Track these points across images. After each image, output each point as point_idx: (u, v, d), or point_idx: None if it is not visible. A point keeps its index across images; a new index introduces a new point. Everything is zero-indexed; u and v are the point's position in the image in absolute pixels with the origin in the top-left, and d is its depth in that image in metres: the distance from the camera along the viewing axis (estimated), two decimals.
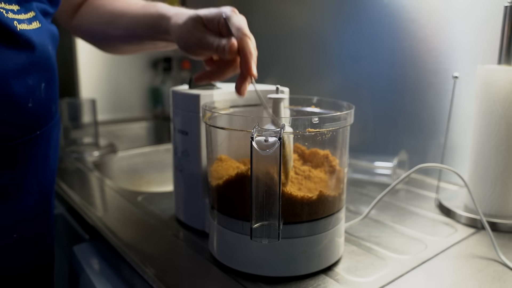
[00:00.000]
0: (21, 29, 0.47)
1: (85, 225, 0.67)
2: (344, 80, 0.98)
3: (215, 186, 0.50)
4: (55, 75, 0.56)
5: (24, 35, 0.47)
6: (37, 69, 0.50)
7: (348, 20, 0.95)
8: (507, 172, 0.61)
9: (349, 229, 0.61)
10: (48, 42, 0.53)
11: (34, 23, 0.50)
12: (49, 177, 0.59)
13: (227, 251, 0.50)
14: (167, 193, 0.77)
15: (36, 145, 0.53)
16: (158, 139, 1.42)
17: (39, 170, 0.55)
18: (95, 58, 1.40)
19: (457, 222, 0.63)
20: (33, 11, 0.50)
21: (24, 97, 0.49)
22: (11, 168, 0.50)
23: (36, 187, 0.55)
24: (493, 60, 0.63)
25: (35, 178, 0.55)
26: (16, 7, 0.48)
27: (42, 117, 0.53)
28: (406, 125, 0.87)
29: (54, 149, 0.59)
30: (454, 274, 0.49)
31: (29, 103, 0.50)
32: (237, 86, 0.51)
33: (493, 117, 0.60)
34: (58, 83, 0.58)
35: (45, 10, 0.54)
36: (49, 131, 0.56)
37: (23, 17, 0.48)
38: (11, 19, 0.46)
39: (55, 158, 0.61)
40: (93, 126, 1.12)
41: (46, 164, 0.57)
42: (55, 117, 0.58)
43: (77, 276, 0.63)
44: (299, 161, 0.52)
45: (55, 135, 0.59)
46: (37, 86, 0.51)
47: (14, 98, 0.47)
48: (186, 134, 0.58)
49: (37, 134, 0.53)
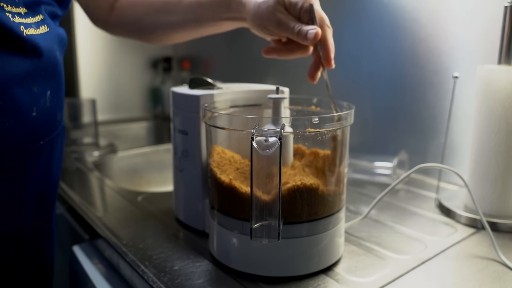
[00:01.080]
0: (27, 34, 0.45)
1: (85, 225, 0.67)
2: (344, 80, 0.98)
3: (216, 180, 0.50)
4: (61, 82, 0.53)
5: (31, 40, 0.45)
6: (43, 76, 0.48)
7: (348, 20, 0.95)
8: (507, 172, 0.61)
9: (349, 229, 0.61)
10: (56, 48, 0.50)
11: (42, 27, 0.47)
12: (50, 190, 0.56)
13: (227, 251, 0.50)
14: (167, 193, 0.77)
15: (37, 156, 0.50)
16: (158, 139, 1.42)
17: (40, 182, 0.52)
18: (95, 58, 1.40)
19: (457, 222, 0.63)
20: (41, 14, 0.48)
21: (28, 106, 0.46)
22: (11, 181, 0.47)
23: (37, 200, 0.52)
24: (493, 60, 0.63)
25: (37, 190, 0.52)
26: (24, 10, 0.45)
27: (46, 127, 0.50)
28: (406, 125, 0.87)
29: (57, 160, 0.56)
30: (454, 274, 0.49)
31: (33, 112, 0.47)
32: (311, 73, 0.54)
33: (493, 117, 0.60)
34: (65, 90, 0.55)
35: (54, 12, 0.51)
36: (53, 141, 0.53)
37: (30, 21, 0.46)
38: (18, 24, 0.44)
39: (58, 169, 0.58)
40: (93, 126, 1.12)
41: (48, 176, 0.54)
42: (60, 126, 0.55)
43: (77, 276, 0.63)
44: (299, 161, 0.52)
45: (59, 144, 0.56)
46: (43, 94, 0.48)
47: (17, 106, 0.45)
48: (186, 134, 0.58)
49: (40, 144, 0.50)
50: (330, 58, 0.52)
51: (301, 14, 0.53)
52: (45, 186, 0.54)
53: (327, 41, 0.52)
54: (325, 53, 0.52)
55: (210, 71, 1.40)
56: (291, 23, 0.52)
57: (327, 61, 0.52)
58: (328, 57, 0.52)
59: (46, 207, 0.56)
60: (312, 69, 0.54)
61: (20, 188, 0.49)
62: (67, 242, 0.80)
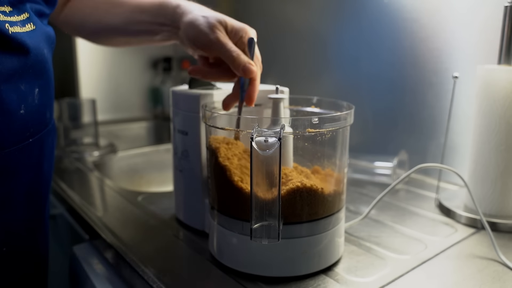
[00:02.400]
0: (13, 32, 0.45)
1: (85, 225, 0.67)
2: (344, 80, 0.98)
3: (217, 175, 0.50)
4: (50, 79, 0.53)
5: (17, 38, 0.45)
6: (30, 74, 0.48)
7: (348, 20, 0.95)
8: (507, 172, 0.61)
9: (349, 229, 0.61)
10: (43, 45, 0.50)
11: (28, 25, 0.47)
12: (43, 187, 0.56)
13: (227, 251, 0.50)
14: (167, 193, 0.77)
15: (28, 154, 0.50)
16: (158, 139, 1.42)
17: (32, 180, 0.52)
18: (95, 58, 1.40)
19: (457, 222, 0.63)
20: (26, 13, 0.48)
21: (15, 103, 0.46)
22: (2, 179, 0.47)
23: (29, 198, 0.52)
24: (493, 60, 0.63)
25: (28, 189, 0.52)
26: (8, 8, 0.45)
27: (35, 124, 0.50)
28: (406, 125, 0.87)
29: (48, 158, 0.56)
30: (454, 274, 0.49)
31: (21, 110, 0.47)
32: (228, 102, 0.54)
33: (493, 117, 0.60)
34: (54, 88, 0.55)
35: (40, 11, 0.51)
36: (43, 138, 0.53)
37: (15, 19, 0.46)
38: (3, 22, 0.44)
39: (50, 167, 0.58)
40: (93, 126, 1.12)
41: (39, 174, 0.54)
42: (50, 124, 0.55)
43: (77, 276, 0.63)
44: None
45: (49, 142, 0.56)
46: (30, 92, 0.48)
47: (4, 104, 0.45)
48: (186, 134, 0.58)
49: (30, 142, 0.50)
50: (253, 98, 0.53)
51: (238, 43, 0.54)
52: (37, 184, 0.54)
53: (256, 80, 0.53)
54: (251, 92, 0.53)
55: None
56: (229, 45, 0.53)
57: (250, 100, 0.53)
58: (252, 96, 0.53)
59: (38, 204, 0.55)
60: (230, 99, 0.54)
61: (10, 186, 0.49)
62: (67, 242, 0.80)
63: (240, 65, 0.51)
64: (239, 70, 0.51)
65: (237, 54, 0.52)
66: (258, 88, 0.53)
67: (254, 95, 0.53)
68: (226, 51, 0.52)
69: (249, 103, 0.53)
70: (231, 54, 0.52)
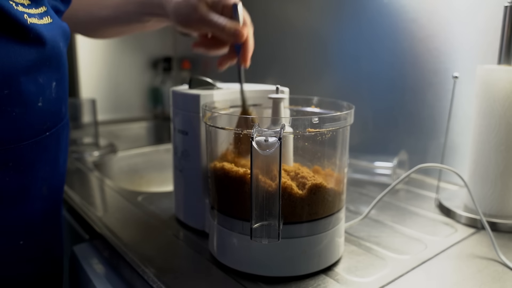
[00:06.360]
0: (31, 22, 0.45)
1: (85, 225, 0.67)
2: (344, 80, 0.98)
3: (216, 181, 0.50)
4: (65, 74, 0.54)
5: (35, 29, 0.45)
6: (47, 66, 0.48)
7: (348, 20, 0.95)
8: (507, 172, 0.61)
9: (349, 229, 0.61)
10: (59, 39, 0.50)
11: (45, 18, 0.48)
12: (58, 181, 0.56)
13: (227, 251, 0.50)
14: (167, 193, 0.77)
15: (45, 147, 0.50)
16: (158, 139, 1.42)
17: (48, 174, 0.53)
18: (95, 58, 1.40)
19: (457, 222, 0.63)
20: (44, 6, 0.49)
21: (34, 96, 0.47)
22: (19, 172, 0.48)
23: (45, 192, 0.52)
24: (493, 60, 0.63)
25: (44, 182, 0.52)
26: (27, 1, 0.46)
27: (51, 118, 0.51)
28: (406, 125, 0.87)
29: (64, 152, 0.57)
30: (454, 274, 0.49)
31: (39, 102, 0.47)
32: (222, 61, 0.58)
33: (493, 117, 0.60)
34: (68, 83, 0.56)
35: (56, 7, 0.52)
36: (59, 132, 0.53)
37: (33, 12, 0.46)
38: (21, 12, 0.44)
39: (65, 161, 0.58)
40: (93, 126, 1.12)
41: (55, 167, 0.54)
42: (65, 118, 0.56)
43: (77, 276, 0.63)
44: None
45: (64, 137, 0.56)
46: (48, 85, 0.49)
47: (23, 96, 0.45)
48: (186, 134, 0.58)
49: (46, 135, 0.50)
50: (247, 57, 0.56)
51: (223, 11, 0.57)
52: (53, 178, 0.54)
53: (248, 40, 0.56)
54: (244, 52, 0.56)
55: (210, 71, 1.40)
56: (214, 19, 0.56)
57: (244, 60, 0.56)
58: (246, 56, 0.56)
59: (54, 198, 0.56)
60: (224, 58, 0.58)
61: (28, 179, 0.49)
62: (67, 242, 0.80)
63: (230, 34, 0.55)
64: (230, 38, 0.56)
65: (223, 26, 0.55)
66: (251, 48, 0.57)
67: (247, 56, 0.56)
68: (213, 25, 0.56)
69: (244, 63, 0.56)
70: (218, 27, 0.55)
